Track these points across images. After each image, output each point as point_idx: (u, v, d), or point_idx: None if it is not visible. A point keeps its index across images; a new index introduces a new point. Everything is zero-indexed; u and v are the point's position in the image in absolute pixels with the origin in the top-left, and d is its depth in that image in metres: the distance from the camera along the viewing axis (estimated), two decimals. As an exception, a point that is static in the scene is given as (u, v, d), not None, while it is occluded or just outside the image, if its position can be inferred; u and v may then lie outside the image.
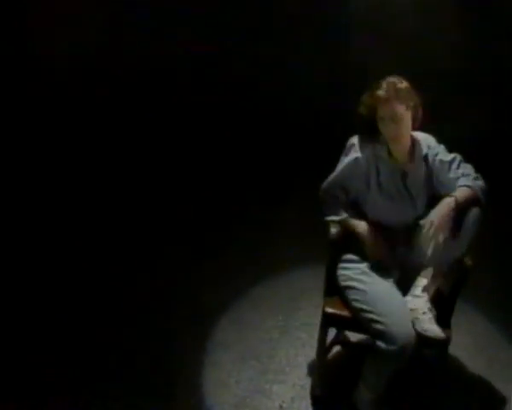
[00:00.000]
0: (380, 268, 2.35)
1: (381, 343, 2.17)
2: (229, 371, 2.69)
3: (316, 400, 2.54)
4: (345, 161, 2.39)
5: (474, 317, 3.11)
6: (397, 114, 2.25)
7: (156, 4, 4.41)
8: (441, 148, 2.42)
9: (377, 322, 2.18)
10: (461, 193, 2.28)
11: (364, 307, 2.25)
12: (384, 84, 2.28)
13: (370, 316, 2.21)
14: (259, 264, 3.37)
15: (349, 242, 2.41)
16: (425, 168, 2.39)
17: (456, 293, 2.40)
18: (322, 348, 2.45)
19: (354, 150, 2.37)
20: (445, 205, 2.25)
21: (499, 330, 3.01)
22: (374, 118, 2.30)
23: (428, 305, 2.25)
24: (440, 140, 2.45)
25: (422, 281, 2.31)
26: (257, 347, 2.84)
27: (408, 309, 2.23)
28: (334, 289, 2.43)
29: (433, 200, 2.37)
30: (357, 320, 2.29)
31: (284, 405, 2.53)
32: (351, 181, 2.38)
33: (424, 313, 2.23)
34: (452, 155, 2.40)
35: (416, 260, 2.34)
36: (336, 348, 2.74)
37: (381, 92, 2.25)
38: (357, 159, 2.35)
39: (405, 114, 2.28)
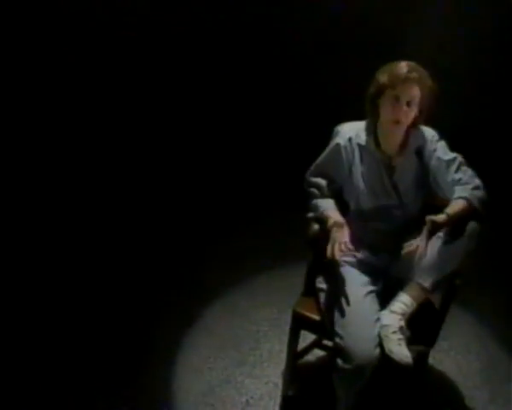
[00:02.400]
0: (363, 273, 2.16)
1: (338, 358, 2.01)
2: (205, 357, 2.63)
3: (285, 401, 2.42)
4: (328, 147, 2.22)
5: (487, 342, 2.82)
6: (415, 97, 2.02)
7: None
8: (441, 144, 2.15)
9: (337, 335, 2.01)
10: (454, 208, 2.01)
11: (330, 314, 2.08)
12: (407, 64, 2.04)
13: (333, 326, 2.04)
14: (263, 254, 3.26)
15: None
16: (418, 164, 2.15)
17: (443, 312, 2.17)
18: (291, 349, 2.30)
19: (338, 137, 2.18)
20: (431, 228, 1.97)
21: (509, 360, 2.72)
22: (379, 93, 2.06)
23: (402, 324, 2.02)
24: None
25: (403, 297, 2.07)
26: (242, 337, 2.76)
27: (376, 326, 2.02)
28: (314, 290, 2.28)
29: (430, 200, 2.17)
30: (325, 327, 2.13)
31: (251, 401, 2.44)
32: (333, 168, 2.20)
33: (394, 332, 2.00)
34: (452, 155, 2.13)
35: (401, 271, 2.12)
36: (317, 351, 2.58)
37: (405, 70, 2.01)
38: (337, 145, 2.16)
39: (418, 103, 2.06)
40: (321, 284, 2.21)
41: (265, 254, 3.27)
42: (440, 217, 1.99)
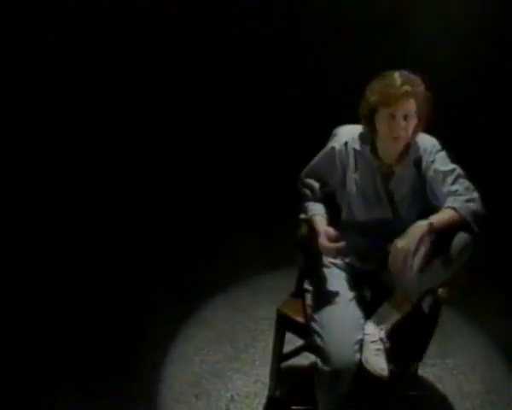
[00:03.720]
0: (351, 278, 2.11)
1: (317, 360, 1.97)
2: (198, 349, 2.65)
3: (270, 401, 2.39)
4: (323, 149, 2.17)
5: (494, 364, 2.66)
6: (411, 110, 1.94)
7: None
8: (440, 155, 2.04)
9: (318, 335, 1.97)
10: (440, 217, 1.91)
11: (314, 315, 2.04)
12: (397, 78, 1.94)
13: (315, 327, 2.00)
14: (269, 252, 3.22)
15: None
16: (415, 174, 2.06)
17: (431, 327, 2.08)
18: (276, 350, 2.27)
19: (334, 140, 2.13)
20: (417, 230, 1.88)
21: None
22: (372, 112, 2.00)
23: (382, 334, 1.96)
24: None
25: (387, 307, 2.01)
26: (238, 332, 2.76)
27: (359, 332, 1.96)
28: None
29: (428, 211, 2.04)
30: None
31: (236, 397, 2.43)
32: (326, 172, 2.15)
33: (373, 341, 1.94)
34: (451, 167, 2.01)
35: (389, 280, 2.05)
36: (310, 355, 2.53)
37: (396, 85, 1.92)
38: (332, 148, 2.11)
39: (415, 114, 1.98)
40: (308, 285, 2.18)
41: (272, 251, 3.23)
42: (422, 224, 1.89)
